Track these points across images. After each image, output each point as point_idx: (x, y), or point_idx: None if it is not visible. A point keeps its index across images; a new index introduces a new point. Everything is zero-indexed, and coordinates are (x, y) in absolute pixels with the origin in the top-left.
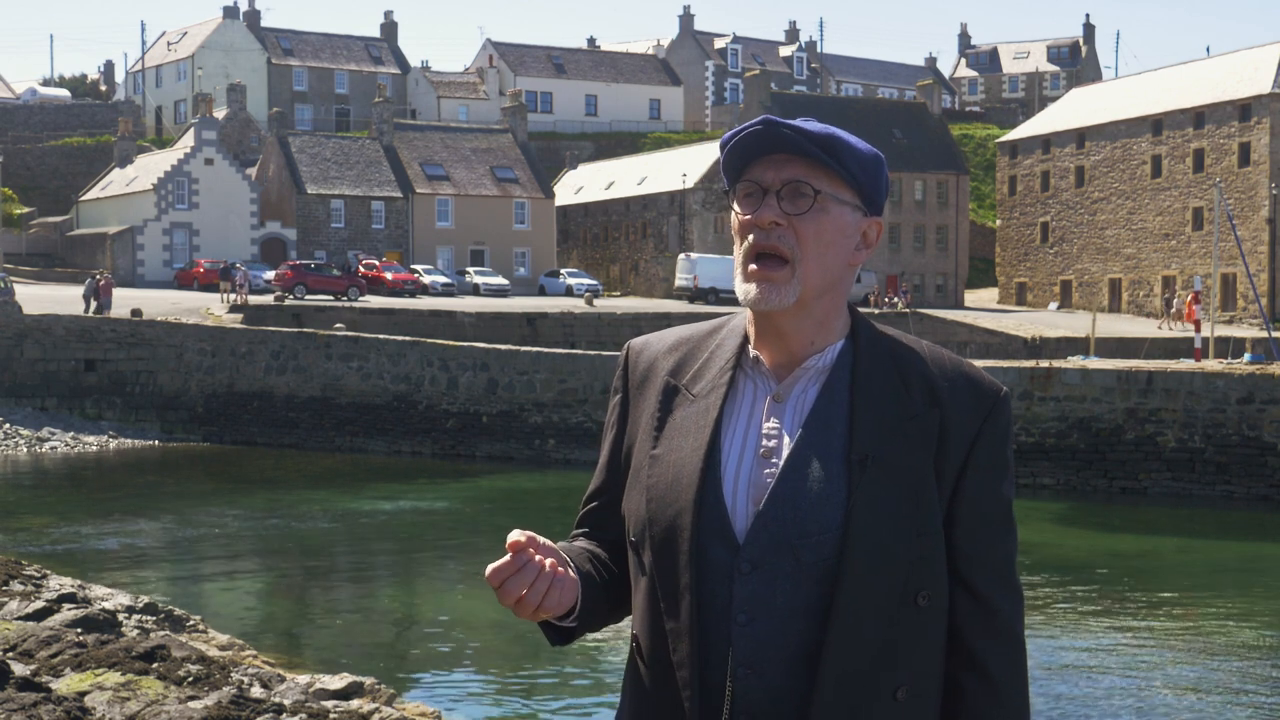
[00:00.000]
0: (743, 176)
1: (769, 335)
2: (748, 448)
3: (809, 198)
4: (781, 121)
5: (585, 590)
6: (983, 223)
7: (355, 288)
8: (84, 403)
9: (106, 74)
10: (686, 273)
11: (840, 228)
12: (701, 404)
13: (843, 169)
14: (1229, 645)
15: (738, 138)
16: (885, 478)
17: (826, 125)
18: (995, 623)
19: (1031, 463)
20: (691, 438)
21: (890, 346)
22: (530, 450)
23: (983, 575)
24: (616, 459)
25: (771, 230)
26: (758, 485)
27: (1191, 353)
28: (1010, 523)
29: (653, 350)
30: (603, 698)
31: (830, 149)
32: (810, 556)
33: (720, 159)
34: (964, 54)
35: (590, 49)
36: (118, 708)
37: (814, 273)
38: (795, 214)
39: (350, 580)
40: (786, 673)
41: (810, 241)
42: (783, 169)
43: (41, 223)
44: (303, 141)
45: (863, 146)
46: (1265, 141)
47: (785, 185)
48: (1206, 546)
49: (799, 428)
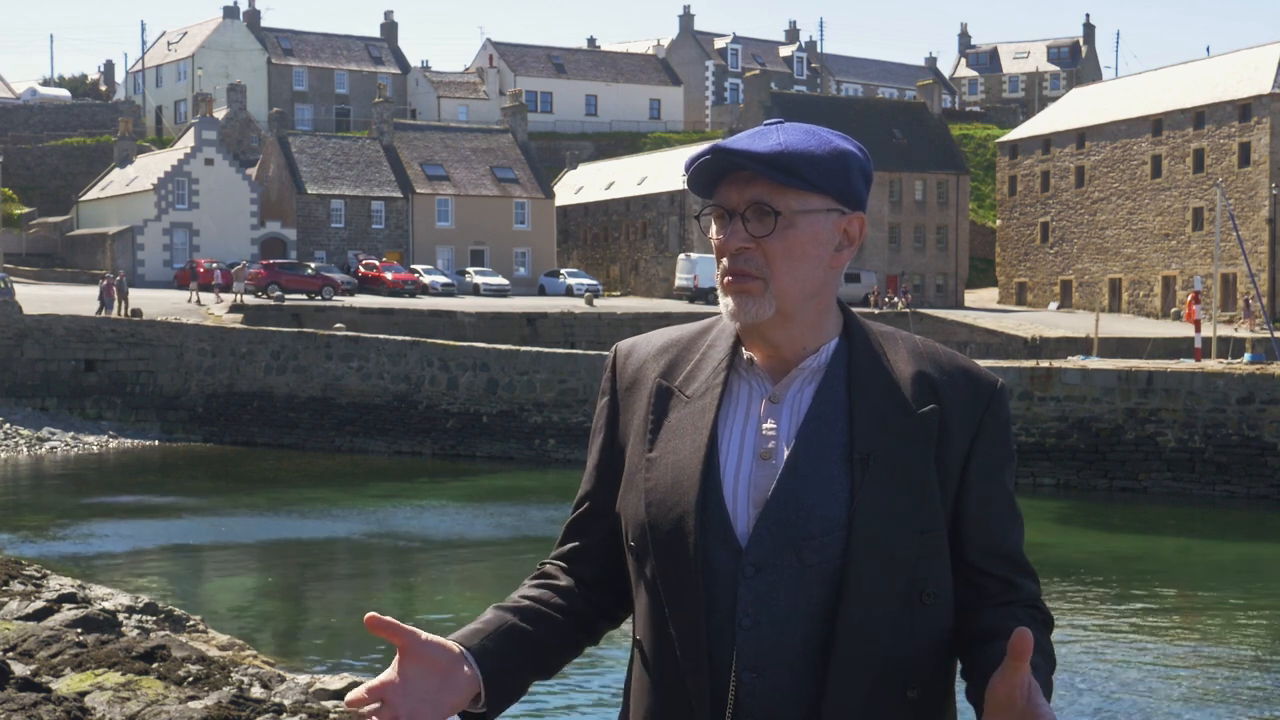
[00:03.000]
0: (713, 197)
1: (757, 341)
2: (746, 449)
3: (771, 217)
4: (730, 148)
5: (501, 669)
6: (983, 223)
7: (329, 286)
8: (84, 403)
9: (106, 74)
10: (686, 273)
11: (812, 238)
12: (696, 405)
13: (803, 182)
14: (1229, 645)
15: (692, 169)
16: (887, 476)
17: (782, 137)
18: (1020, 595)
19: (1031, 463)
20: (689, 439)
21: (883, 343)
22: (530, 450)
23: (999, 564)
24: (607, 463)
25: (739, 255)
26: (758, 487)
27: (1192, 353)
28: (1017, 511)
29: (641, 352)
30: (603, 699)
31: (784, 166)
32: (814, 558)
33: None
34: (964, 54)
35: (590, 49)
36: (118, 708)
37: (788, 287)
38: (761, 235)
39: (350, 580)
40: (792, 676)
41: (779, 259)
42: (745, 189)
43: (41, 223)
44: (303, 141)
45: (822, 150)
46: (1265, 141)
47: (749, 207)
48: (1206, 546)
49: (797, 428)
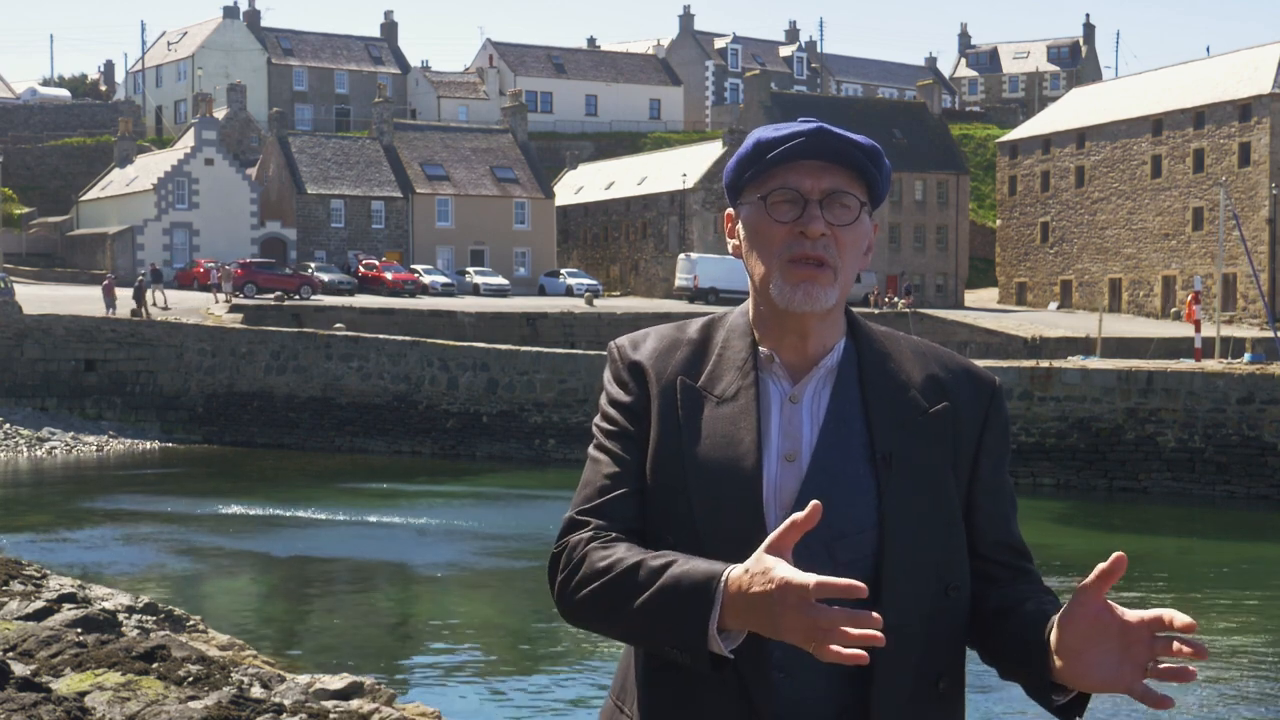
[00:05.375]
0: (773, 180)
1: (790, 335)
2: (771, 450)
3: (853, 210)
4: (834, 131)
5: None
6: (983, 223)
7: (307, 285)
8: (84, 403)
9: (106, 74)
10: (686, 273)
11: (866, 235)
12: (733, 406)
13: (880, 181)
14: (1229, 645)
15: (787, 144)
16: (909, 474)
17: (862, 136)
18: (1032, 577)
19: (1031, 462)
20: (736, 442)
21: (887, 343)
22: (530, 450)
23: (1008, 553)
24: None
25: (819, 240)
26: (785, 489)
27: (1192, 353)
28: (1016, 502)
29: (648, 347)
30: (603, 698)
31: (876, 161)
32: (846, 556)
33: (744, 155)
34: (964, 54)
35: (590, 49)
36: (118, 708)
37: (849, 278)
38: (839, 224)
39: (350, 580)
40: (822, 678)
41: (849, 250)
42: (821, 178)
43: (41, 223)
44: (303, 141)
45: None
46: (1265, 141)
47: (827, 195)
48: (1206, 546)
49: (818, 428)
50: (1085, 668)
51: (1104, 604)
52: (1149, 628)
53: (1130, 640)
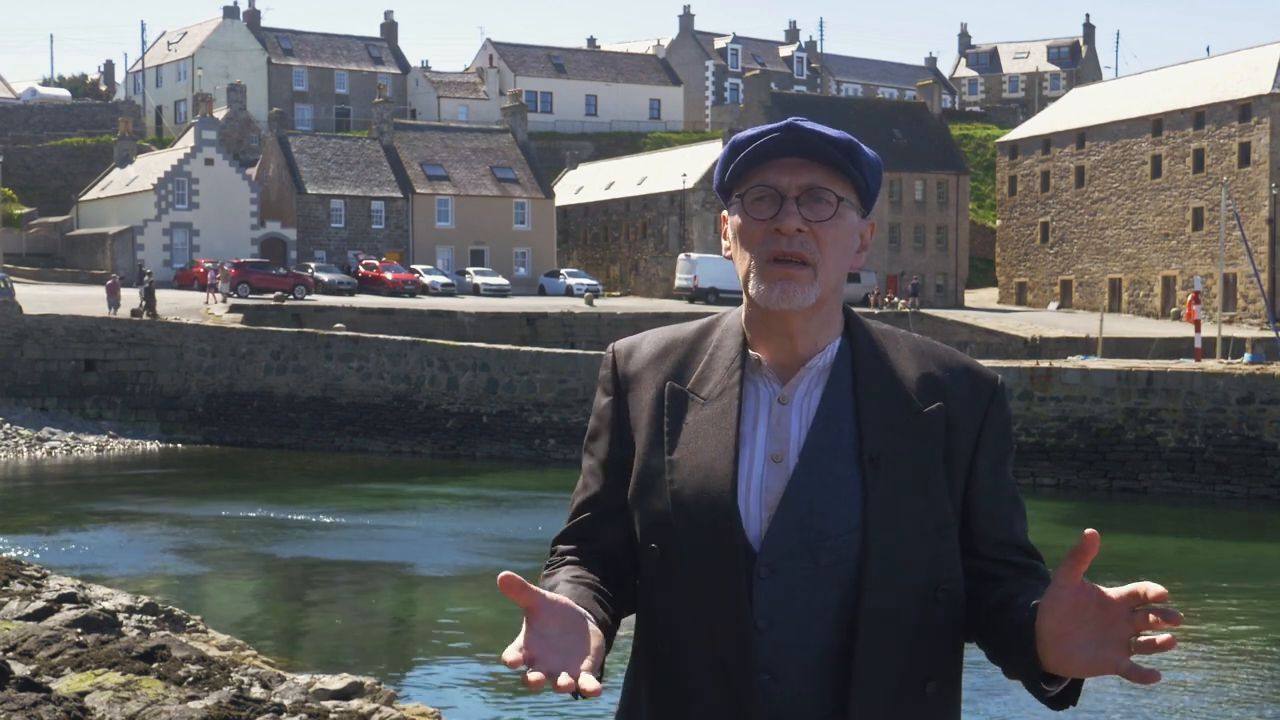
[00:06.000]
0: (752, 179)
1: (776, 336)
2: (757, 451)
3: (830, 205)
4: (807, 126)
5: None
6: (983, 223)
7: (302, 285)
8: (84, 403)
9: (106, 74)
10: (686, 273)
11: (850, 232)
12: (715, 407)
13: (859, 175)
14: (1229, 645)
15: (759, 141)
16: (898, 476)
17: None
18: (1039, 574)
19: (1031, 463)
20: (713, 442)
21: (885, 342)
22: (530, 450)
23: (1011, 553)
24: (615, 465)
25: (795, 237)
26: (770, 490)
27: (1192, 353)
28: (1020, 500)
29: (643, 353)
30: (602, 697)
31: (851, 155)
32: (829, 559)
33: (723, 156)
34: (964, 54)
35: (590, 49)
36: (118, 708)
37: (831, 276)
38: (816, 220)
39: (350, 580)
40: (807, 677)
41: (829, 247)
42: (799, 174)
43: (41, 223)
44: (303, 141)
45: (871, 152)
46: (1265, 141)
47: (804, 191)
48: (1206, 546)
49: (806, 429)
50: (1070, 650)
51: (1081, 585)
52: (1126, 603)
53: (1110, 618)
